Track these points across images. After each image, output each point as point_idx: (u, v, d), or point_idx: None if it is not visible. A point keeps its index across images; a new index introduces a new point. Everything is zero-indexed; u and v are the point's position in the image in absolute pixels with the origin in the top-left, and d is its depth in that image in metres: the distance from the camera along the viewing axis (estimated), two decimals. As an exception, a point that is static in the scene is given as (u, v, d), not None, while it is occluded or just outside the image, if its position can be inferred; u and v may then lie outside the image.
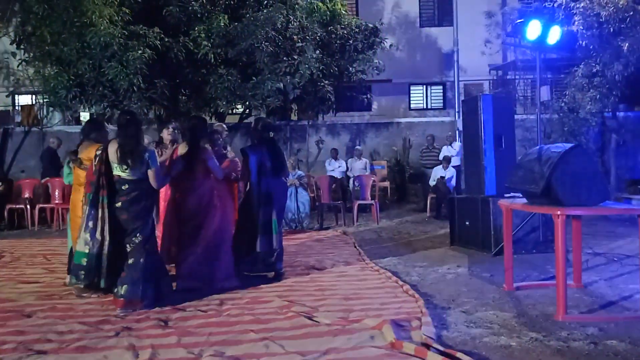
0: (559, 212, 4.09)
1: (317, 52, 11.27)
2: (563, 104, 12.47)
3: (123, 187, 4.46)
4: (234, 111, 11.97)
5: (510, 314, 4.13)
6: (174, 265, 5.25)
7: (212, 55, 9.77)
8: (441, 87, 16.07)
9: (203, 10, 9.96)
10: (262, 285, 5.14)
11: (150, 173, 4.50)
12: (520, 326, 3.84)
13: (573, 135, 12.64)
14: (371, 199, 10.36)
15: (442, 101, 16.07)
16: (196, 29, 9.76)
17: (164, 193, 5.48)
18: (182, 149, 5.20)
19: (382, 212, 11.02)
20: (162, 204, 5.52)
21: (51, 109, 13.46)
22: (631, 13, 10.58)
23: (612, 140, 12.25)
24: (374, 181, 10.75)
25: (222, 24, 9.79)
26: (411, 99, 16.14)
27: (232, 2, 10.49)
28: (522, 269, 5.64)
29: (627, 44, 10.59)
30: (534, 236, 6.67)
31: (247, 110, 12.32)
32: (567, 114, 12.62)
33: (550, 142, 11.29)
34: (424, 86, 16.16)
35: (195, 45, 9.73)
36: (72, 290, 4.95)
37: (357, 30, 12.68)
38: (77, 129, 12.28)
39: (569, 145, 4.48)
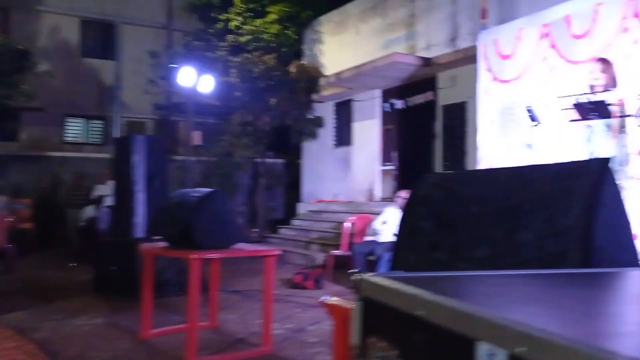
0: (193, 256, 4.16)
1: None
2: (220, 148, 13.38)
3: None
4: None
5: (140, 364, 3.96)
6: None
7: None
8: (102, 121, 15.31)
9: None
10: None
11: None
12: (149, 377, 3.69)
13: (229, 177, 13.70)
14: (8, 243, 8.97)
15: (102, 136, 15.28)
16: None
17: None
18: None
19: (22, 257, 9.66)
20: None
21: None
22: (278, 73, 12.24)
23: (260, 184, 13.57)
24: (12, 222, 9.39)
25: None
26: (67, 131, 14.90)
27: None
28: (166, 313, 5.54)
29: (273, 100, 12.13)
30: (180, 278, 6.68)
31: None
32: (224, 157, 13.58)
33: (208, 183, 11.86)
34: (83, 119, 15.15)
35: None
36: None
37: (3, 50, 11.23)
38: None
39: (208, 190, 4.65)
